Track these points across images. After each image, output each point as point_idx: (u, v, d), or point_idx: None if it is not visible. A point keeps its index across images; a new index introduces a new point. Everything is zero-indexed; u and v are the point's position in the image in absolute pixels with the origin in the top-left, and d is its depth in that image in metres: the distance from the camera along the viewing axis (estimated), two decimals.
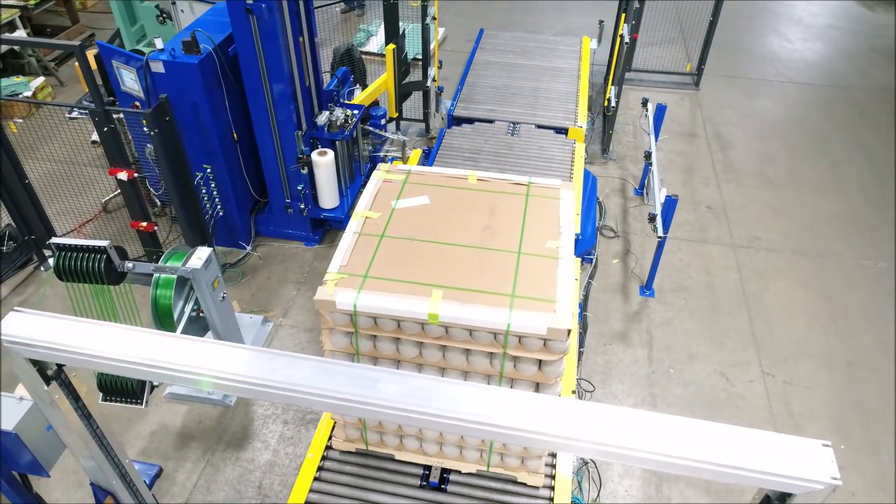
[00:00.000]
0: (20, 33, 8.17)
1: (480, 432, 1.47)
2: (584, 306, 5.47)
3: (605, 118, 7.42)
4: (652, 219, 5.22)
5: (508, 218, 3.09)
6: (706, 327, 5.43)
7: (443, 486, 3.17)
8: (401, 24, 6.94)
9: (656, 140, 6.27)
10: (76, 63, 6.29)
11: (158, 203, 6.26)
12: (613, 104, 6.96)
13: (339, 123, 5.63)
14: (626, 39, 6.64)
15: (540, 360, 2.74)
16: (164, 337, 1.60)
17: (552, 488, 3.20)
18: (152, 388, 4.21)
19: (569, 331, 2.58)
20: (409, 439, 3.13)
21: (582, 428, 1.41)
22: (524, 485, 3.12)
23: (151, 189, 6.09)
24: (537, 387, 2.87)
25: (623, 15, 7.05)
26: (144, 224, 5.22)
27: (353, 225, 3.04)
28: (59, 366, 1.75)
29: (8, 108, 7.64)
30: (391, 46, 6.42)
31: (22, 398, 2.77)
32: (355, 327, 2.75)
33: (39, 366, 1.69)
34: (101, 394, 4.16)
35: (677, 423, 1.46)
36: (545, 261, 2.87)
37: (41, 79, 8.02)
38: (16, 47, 8.06)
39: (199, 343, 1.54)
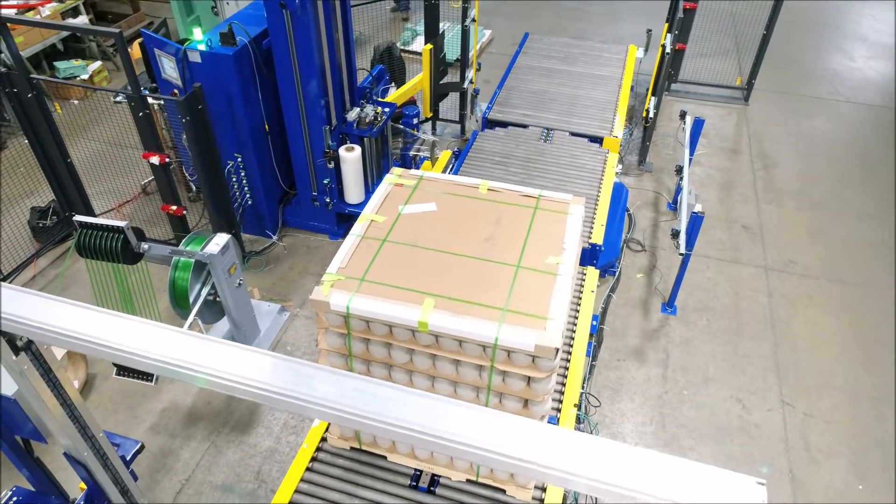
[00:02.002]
0: (83, 19, 8.55)
1: (409, 438, 1.46)
2: (601, 319, 5.37)
3: (644, 129, 7.26)
4: (675, 235, 5.08)
5: (513, 230, 3.06)
6: (727, 350, 5.25)
7: (432, 489, 3.16)
8: (443, 25, 6.97)
9: (692, 154, 6.09)
10: (131, 49, 6.57)
11: (193, 188, 6.46)
12: (652, 115, 6.81)
13: (368, 120, 5.69)
14: (668, 49, 6.47)
15: (529, 377, 2.71)
16: (120, 319, 1.65)
17: (541, 501, 3.15)
18: None
19: (557, 349, 2.53)
20: (400, 443, 3.14)
21: (503, 440, 1.38)
22: (514, 496, 3.08)
23: (187, 174, 6.30)
24: (525, 403, 2.83)
25: (666, 24, 6.88)
26: (174, 208, 5.39)
27: (357, 227, 3.07)
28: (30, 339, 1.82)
29: (65, 90, 8.02)
30: (428, 46, 6.45)
31: None
32: (348, 329, 2.77)
33: (9, 336, 1.76)
34: (115, 368, 4.34)
35: (612, 448, 1.42)
36: (543, 276, 2.83)
37: (98, 63, 8.39)
38: (77, 33, 8.45)
39: (143, 325, 1.58)
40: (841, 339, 5.39)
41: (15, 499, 3.14)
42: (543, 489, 3.18)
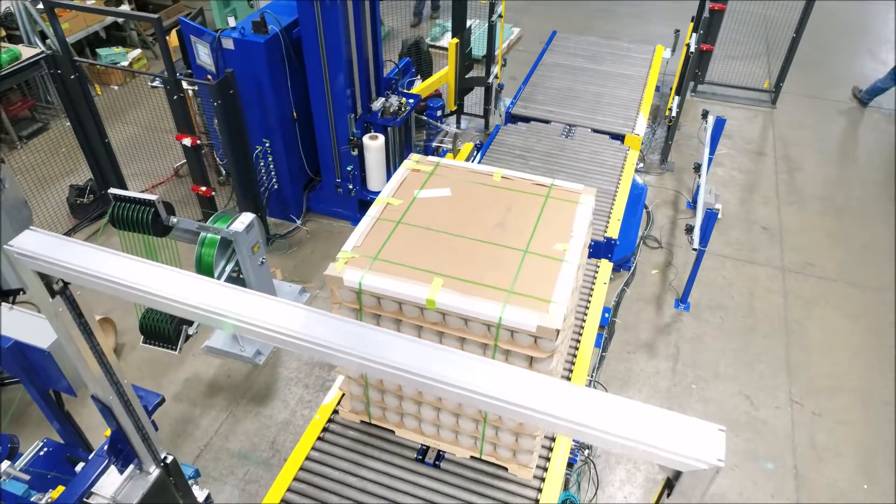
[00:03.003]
0: (125, 8, 8.88)
1: (400, 378, 1.58)
2: (613, 312, 5.44)
3: (668, 128, 7.30)
4: (689, 230, 5.12)
5: (523, 217, 3.14)
6: (738, 348, 5.28)
7: (437, 463, 3.28)
8: (472, 21, 7.08)
9: (712, 153, 6.12)
10: (167, 38, 6.82)
11: (223, 172, 6.69)
12: (674, 114, 6.84)
13: (392, 110, 5.84)
14: (692, 49, 6.50)
15: (531, 357, 2.81)
16: (150, 266, 1.81)
17: (543, 479, 3.24)
18: (187, 337, 4.57)
19: (557, 331, 2.62)
20: (408, 418, 3.27)
21: (474, 380, 1.49)
22: (515, 475, 3.18)
23: (217, 158, 6.53)
24: None
25: (691, 24, 6.91)
26: (204, 189, 5.62)
27: (373, 210, 3.19)
28: (66, 283, 1.99)
29: (106, 76, 8.36)
30: (454, 41, 6.58)
31: None
32: (360, 305, 2.90)
33: (46, 280, 1.94)
34: (142, 336, 4.56)
35: (586, 393, 1.53)
36: (549, 262, 2.91)
37: (138, 51, 8.72)
38: (119, 20, 8.78)
39: (172, 272, 1.74)
40: (856, 342, 5.37)
41: (46, 449, 3.37)
42: (545, 469, 3.29)
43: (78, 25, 8.28)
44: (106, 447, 2.57)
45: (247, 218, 4.57)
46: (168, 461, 2.70)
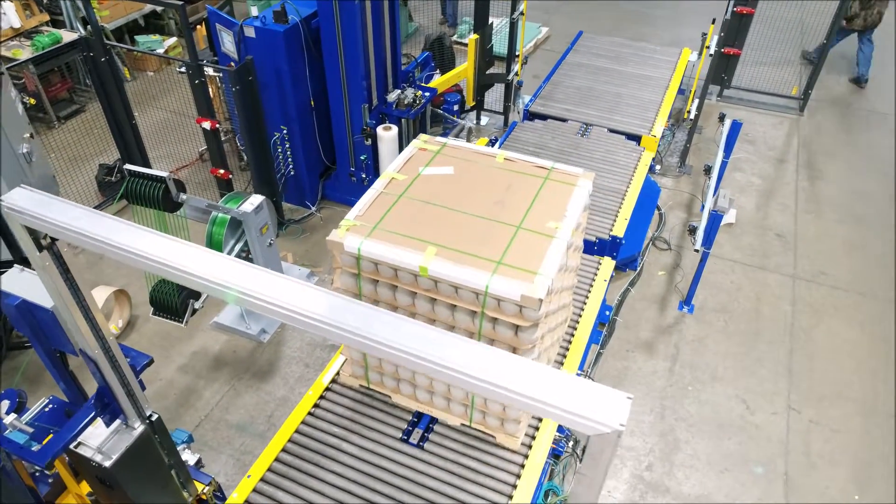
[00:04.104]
0: None
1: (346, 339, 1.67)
2: (615, 310, 5.45)
3: (688, 131, 7.24)
4: (692, 231, 5.10)
5: (521, 196, 3.26)
6: (740, 352, 5.24)
7: (421, 444, 3.37)
8: (498, 20, 7.14)
9: (727, 157, 6.06)
10: (197, 27, 7.08)
11: (244, 157, 6.90)
12: (693, 116, 6.79)
13: (406, 102, 5.96)
14: (712, 51, 6.45)
15: (517, 326, 2.90)
16: (125, 225, 1.94)
17: (523, 466, 3.31)
18: (194, 311, 4.76)
19: (540, 300, 2.71)
20: (403, 384, 3.39)
21: (393, 333, 1.57)
22: (495, 457, 3.25)
23: (239, 144, 6.75)
24: (514, 351, 3.01)
25: (711, 26, 6.84)
26: (222, 172, 5.82)
27: (378, 183, 3.34)
28: (53, 239, 2.15)
29: (142, 62, 8.69)
30: (474, 37, 6.66)
31: None
32: (359, 270, 3.05)
33: (34, 234, 2.10)
34: (152, 308, 4.78)
35: (499, 356, 1.60)
36: (540, 238, 3.02)
37: (173, 39, 9.03)
38: (158, 9, 9.11)
39: (145, 231, 1.87)
40: (863, 352, 5.28)
41: (51, 406, 3.57)
42: (533, 437, 3.35)
43: (118, 13, 8.63)
44: (93, 400, 2.74)
45: (256, 199, 4.73)
46: (153, 419, 2.85)
